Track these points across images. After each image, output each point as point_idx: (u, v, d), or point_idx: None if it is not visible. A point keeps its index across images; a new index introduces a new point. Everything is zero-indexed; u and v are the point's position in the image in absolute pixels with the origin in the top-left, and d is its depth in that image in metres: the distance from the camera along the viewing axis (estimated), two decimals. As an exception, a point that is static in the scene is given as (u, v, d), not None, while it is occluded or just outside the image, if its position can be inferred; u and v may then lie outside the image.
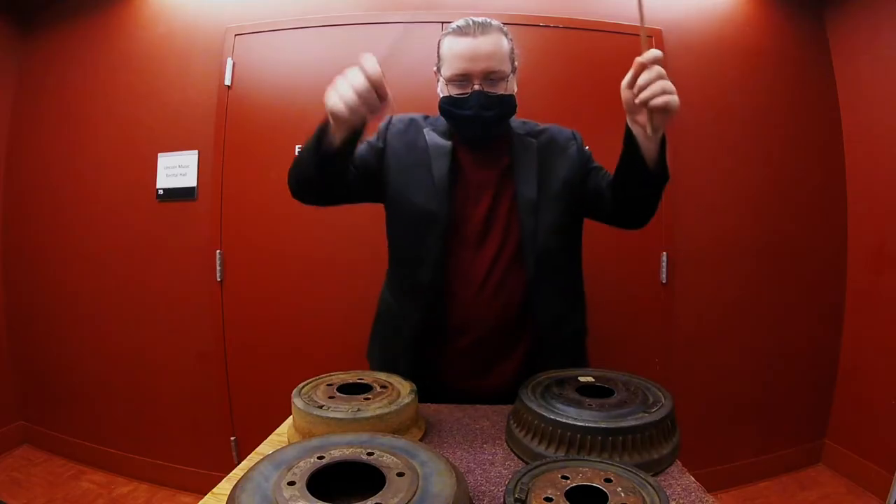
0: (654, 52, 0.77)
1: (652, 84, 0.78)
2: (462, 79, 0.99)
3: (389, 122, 1.14)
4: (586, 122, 1.92)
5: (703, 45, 2.02)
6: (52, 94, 2.24)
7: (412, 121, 1.13)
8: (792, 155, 2.11)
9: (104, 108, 2.15)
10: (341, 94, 0.76)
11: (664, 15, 1.98)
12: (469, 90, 0.99)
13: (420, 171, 1.06)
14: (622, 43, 1.94)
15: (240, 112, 1.97)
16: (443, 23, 1.90)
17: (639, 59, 0.78)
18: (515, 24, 1.91)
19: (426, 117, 1.15)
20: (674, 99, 0.78)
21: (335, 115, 0.79)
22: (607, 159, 1.91)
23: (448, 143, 1.07)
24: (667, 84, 0.78)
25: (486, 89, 0.98)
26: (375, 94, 0.76)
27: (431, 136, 1.09)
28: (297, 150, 1.92)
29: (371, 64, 0.75)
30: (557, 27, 1.93)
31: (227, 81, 1.97)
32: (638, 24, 0.83)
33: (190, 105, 2.03)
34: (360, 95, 0.76)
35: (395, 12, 1.94)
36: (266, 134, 1.96)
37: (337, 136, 0.85)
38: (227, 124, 1.98)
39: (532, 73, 1.91)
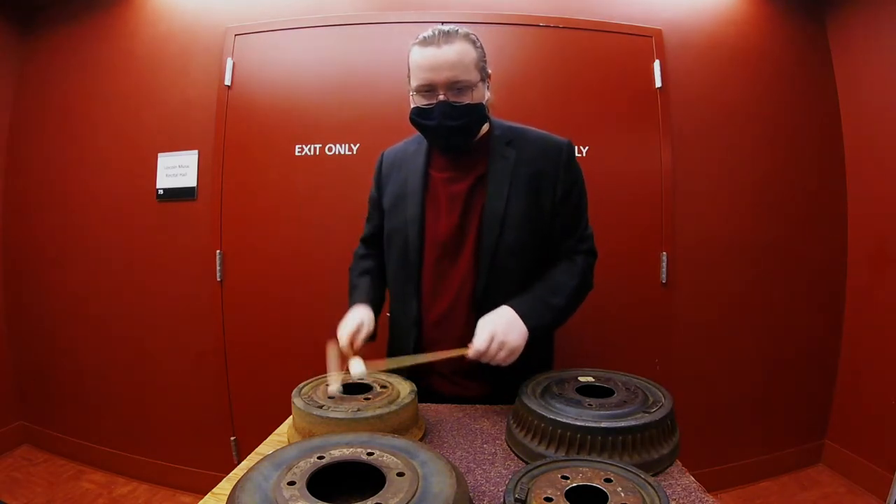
0: (473, 352, 0.90)
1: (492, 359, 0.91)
2: (427, 89, 0.99)
3: (381, 166, 1.19)
4: (584, 122, 1.92)
5: (703, 45, 2.02)
6: (52, 94, 2.24)
7: (396, 156, 1.17)
8: (792, 155, 2.11)
9: (104, 107, 2.15)
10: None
11: (664, 15, 1.98)
12: (434, 100, 0.98)
13: (400, 208, 1.10)
14: (621, 43, 1.95)
15: (240, 112, 1.97)
16: (443, 23, 1.90)
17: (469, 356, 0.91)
18: (514, 25, 1.92)
19: (415, 137, 1.16)
20: (511, 359, 0.92)
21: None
22: (605, 158, 1.92)
23: (422, 166, 1.09)
24: (501, 356, 0.91)
25: (450, 99, 0.97)
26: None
27: (413, 165, 1.11)
28: (296, 150, 1.93)
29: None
30: (557, 27, 1.93)
31: (227, 81, 1.97)
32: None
33: (190, 105, 2.03)
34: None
35: (395, 12, 1.94)
36: (266, 134, 1.96)
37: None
38: (227, 124, 1.98)
39: (531, 72, 1.91)
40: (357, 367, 0.87)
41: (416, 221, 1.06)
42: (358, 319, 1.01)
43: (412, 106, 1.04)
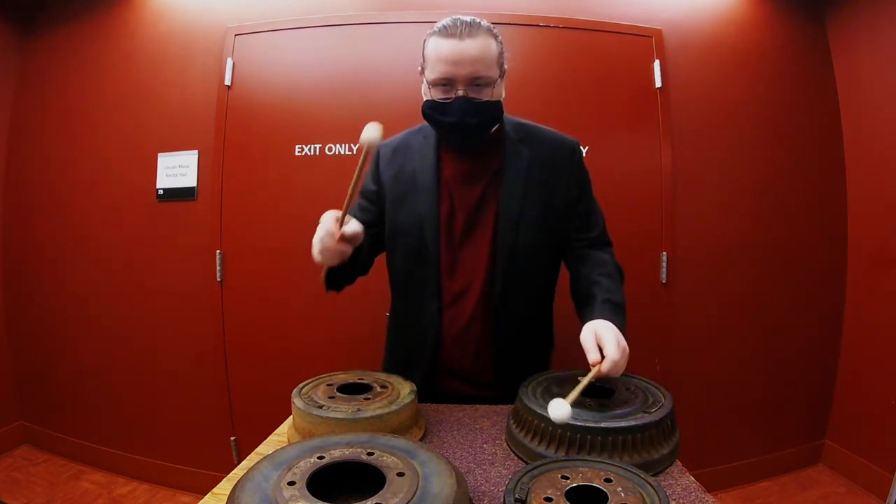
0: (610, 364, 0.78)
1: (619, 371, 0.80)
2: (445, 83, 0.93)
3: (378, 158, 1.11)
4: (584, 122, 1.92)
5: (703, 45, 2.02)
6: (52, 94, 2.24)
7: (397, 148, 1.10)
8: (792, 155, 2.11)
9: (104, 108, 2.15)
10: (317, 249, 0.85)
11: (664, 15, 1.98)
12: (453, 95, 0.93)
13: (410, 204, 1.04)
14: (621, 43, 1.95)
15: (240, 112, 1.97)
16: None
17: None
18: (514, 25, 1.92)
19: (417, 130, 1.10)
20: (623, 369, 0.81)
21: (321, 262, 0.88)
22: (605, 158, 1.92)
23: (433, 162, 1.04)
24: (623, 365, 0.80)
25: (470, 95, 0.93)
26: (342, 242, 0.83)
27: (421, 159, 1.05)
28: (296, 150, 1.93)
29: (328, 221, 0.83)
30: (557, 27, 1.93)
31: (227, 81, 1.97)
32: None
33: (190, 105, 2.03)
34: (330, 249, 0.83)
35: (395, 12, 1.94)
36: (266, 134, 1.96)
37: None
38: (227, 124, 1.98)
39: (531, 72, 1.91)
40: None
41: (432, 218, 1.01)
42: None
43: (425, 98, 0.98)
